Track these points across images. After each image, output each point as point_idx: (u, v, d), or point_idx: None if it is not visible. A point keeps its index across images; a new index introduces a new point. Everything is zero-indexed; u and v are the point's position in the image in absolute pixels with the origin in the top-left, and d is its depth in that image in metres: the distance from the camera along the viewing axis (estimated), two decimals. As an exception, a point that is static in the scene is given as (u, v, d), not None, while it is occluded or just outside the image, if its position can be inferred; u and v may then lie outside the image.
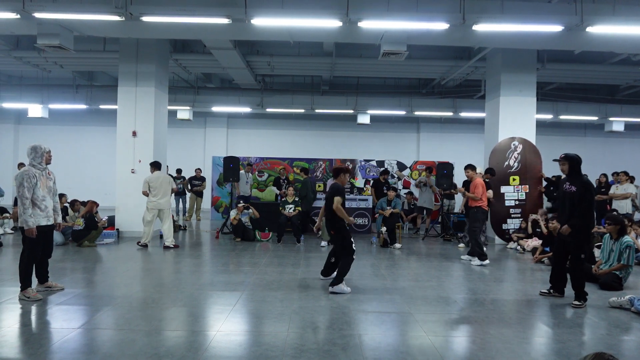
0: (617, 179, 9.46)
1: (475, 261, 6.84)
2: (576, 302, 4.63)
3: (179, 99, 12.81)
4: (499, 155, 8.82)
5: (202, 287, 5.12)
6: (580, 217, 4.63)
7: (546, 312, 4.45)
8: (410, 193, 11.94)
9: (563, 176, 4.99)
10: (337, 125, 15.98)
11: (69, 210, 8.69)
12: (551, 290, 5.05)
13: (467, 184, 8.57)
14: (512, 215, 8.77)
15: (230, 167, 9.80)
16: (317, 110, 13.11)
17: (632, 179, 9.48)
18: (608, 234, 5.70)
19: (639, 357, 3.36)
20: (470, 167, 7.32)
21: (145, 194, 7.77)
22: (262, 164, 12.71)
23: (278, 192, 10.88)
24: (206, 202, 13.37)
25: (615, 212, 8.19)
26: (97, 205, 8.23)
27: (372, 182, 11.70)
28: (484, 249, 6.96)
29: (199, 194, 12.44)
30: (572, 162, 4.75)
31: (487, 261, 6.80)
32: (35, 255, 4.64)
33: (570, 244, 4.77)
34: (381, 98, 13.29)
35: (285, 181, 10.90)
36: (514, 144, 8.80)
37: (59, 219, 4.90)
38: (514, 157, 8.78)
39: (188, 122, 13.67)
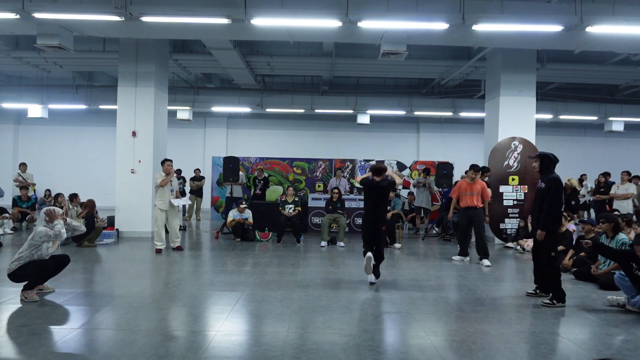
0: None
1: (486, 262, 6.75)
2: (546, 301, 4.63)
3: (178, 99, 12.81)
4: (498, 155, 8.82)
5: (202, 287, 5.12)
6: (546, 210, 4.63)
7: (546, 311, 4.45)
8: (412, 193, 11.94)
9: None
10: (337, 125, 15.99)
11: (69, 204, 8.70)
12: (537, 291, 5.03)
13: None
14: (510, 215, 8.77)
15: (230, 167, 9.81)
16: (317, 110, 13.10)
17: (634, 179, 9.45)
18: (604, 234, 5.70)
19: (639, 357, 3.36)
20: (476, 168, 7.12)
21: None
22: (262, 164, 12.70)
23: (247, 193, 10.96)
24: (206, 202, 13.37)
25: (617, 212, 8.20)
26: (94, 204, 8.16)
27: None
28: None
29: (199, 194, 12.43)
30: (542, 160, 4.83)
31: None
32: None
33: (541, 244, 4.77)
34: (381, 98, 13.29)
35: (262, 182, 10.70)
36: (514, 144, 8.80)
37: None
38: (514, 157, 8.78)
39: (188, 122, 13.67)
